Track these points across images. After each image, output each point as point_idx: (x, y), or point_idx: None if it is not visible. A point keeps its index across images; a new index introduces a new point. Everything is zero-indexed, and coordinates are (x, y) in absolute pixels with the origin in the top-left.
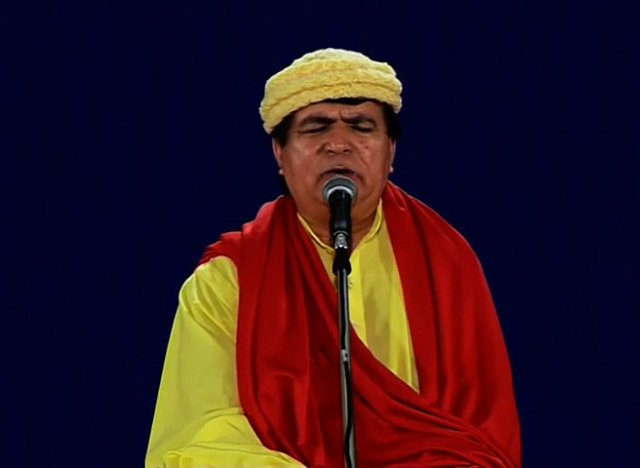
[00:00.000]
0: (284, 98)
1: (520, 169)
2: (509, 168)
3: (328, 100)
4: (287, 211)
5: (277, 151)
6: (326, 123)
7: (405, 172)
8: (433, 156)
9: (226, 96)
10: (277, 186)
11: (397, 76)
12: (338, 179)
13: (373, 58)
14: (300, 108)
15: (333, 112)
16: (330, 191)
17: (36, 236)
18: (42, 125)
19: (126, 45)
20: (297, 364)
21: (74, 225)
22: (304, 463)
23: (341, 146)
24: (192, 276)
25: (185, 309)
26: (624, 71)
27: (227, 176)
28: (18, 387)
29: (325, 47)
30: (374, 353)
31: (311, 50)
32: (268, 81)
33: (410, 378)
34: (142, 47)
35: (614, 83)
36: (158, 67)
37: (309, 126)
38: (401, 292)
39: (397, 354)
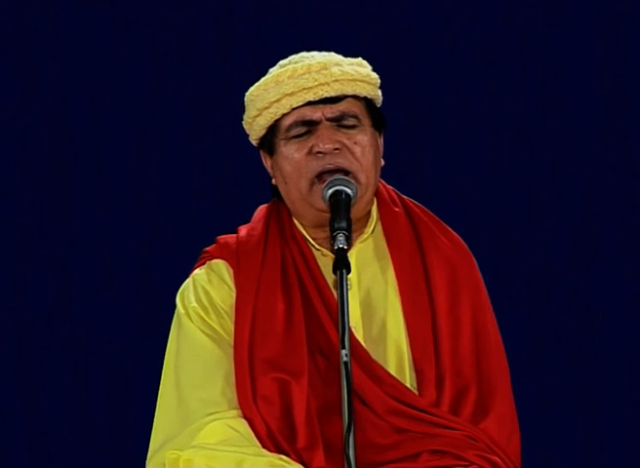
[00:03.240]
0: (265, 108)
1: (520, 169)
2: (509, 168)
3: (309, 103)
4: (282, 213)
5: (267, 162)
6: (311, 125)
7: (405, 172)
8: (433, 156)
9: (226, 96)
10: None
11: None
12: (337, 179)
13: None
14: (283, 115)
15: (316, 114)
16: (330, 191)
17: (36, 236)
18: (42, 125)
19: (126, 45)
20: (295, 366)
21: (74, 225)
22: (304, 466)
23: (330, 146)
24: (189, 279)
25: (183, 312)
26: (624, 71)
27: (227, 177)
28: (18, 387)
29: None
30: (371, 354)
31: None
32: (247, 94)
33: (408, 379)
34: (142, 47)
35: (614, 83)
36: (158, 67)
37: (295, 131)
38: (397, 293)
39: (395, 355)
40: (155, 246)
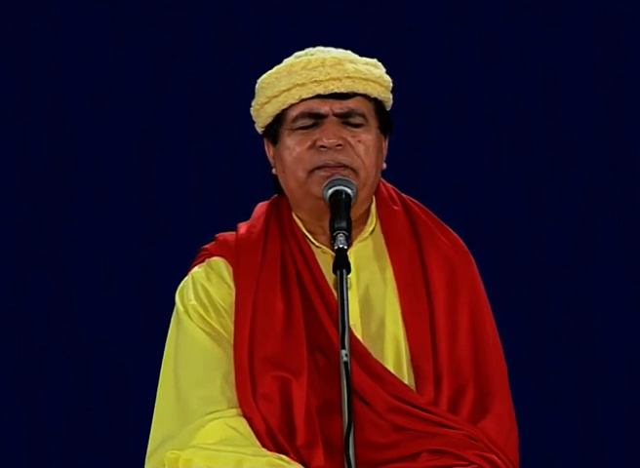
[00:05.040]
0: (275, 96)
1: (520, 169)
2: (509, 168)
3: (319, 96)
4: (281, 210)
5: (269, 151)
6: (317, 119)
7: (405, 172)
8: (433, 156)
9: (226, 96)
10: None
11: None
12: (337, 179)
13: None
14: (291, 105)
15: (324, 108)
16: (330, 191)
17: (36, 236)
18: (42, 125)
19: (126, 45)
20: (294, 364)
21: (74, 225)
22: (303, 464)
23: (333, 141)
24: (188, 277)
25: (182, 310)
26: (624, 71)
27: (227, 176)
28: (18, 387)
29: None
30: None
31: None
32: (258, 80)
33: (406, 378)
34: (142, 47)
35: (614, 83)
36: (158, 67)
37: (301, 122)
38: (396, 292)
39: (393, 354)
40: (155, 246)
